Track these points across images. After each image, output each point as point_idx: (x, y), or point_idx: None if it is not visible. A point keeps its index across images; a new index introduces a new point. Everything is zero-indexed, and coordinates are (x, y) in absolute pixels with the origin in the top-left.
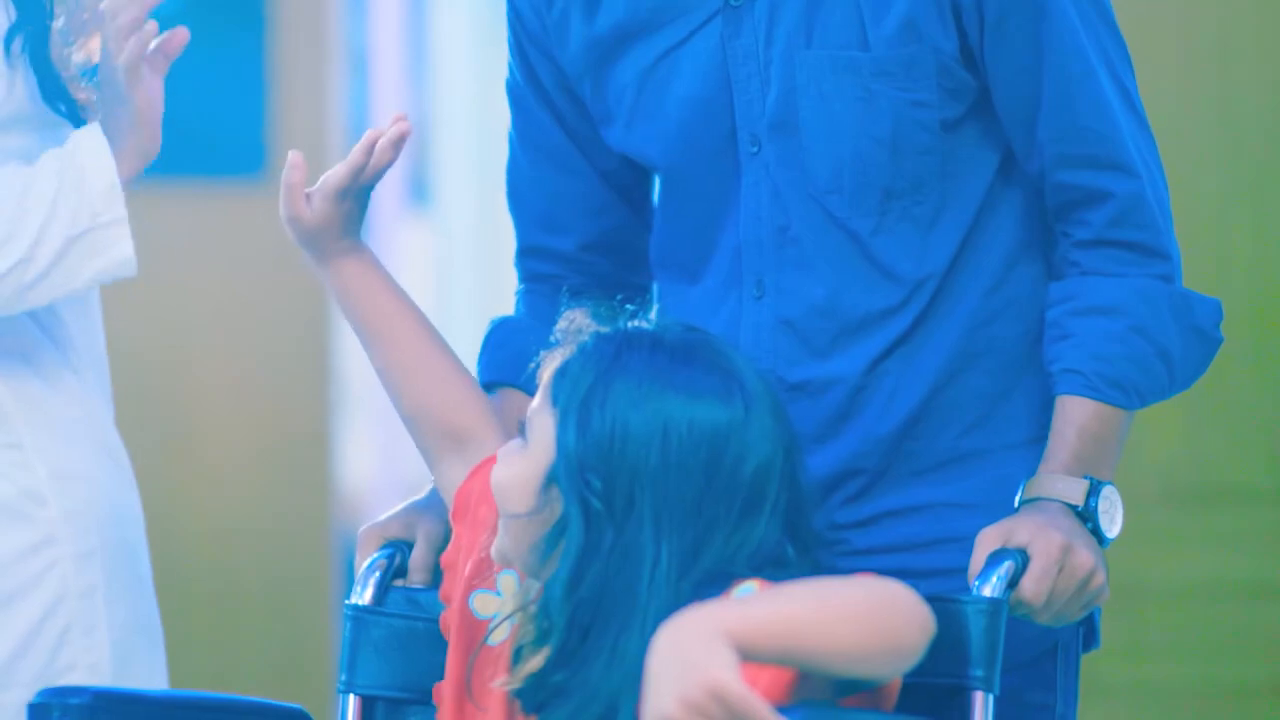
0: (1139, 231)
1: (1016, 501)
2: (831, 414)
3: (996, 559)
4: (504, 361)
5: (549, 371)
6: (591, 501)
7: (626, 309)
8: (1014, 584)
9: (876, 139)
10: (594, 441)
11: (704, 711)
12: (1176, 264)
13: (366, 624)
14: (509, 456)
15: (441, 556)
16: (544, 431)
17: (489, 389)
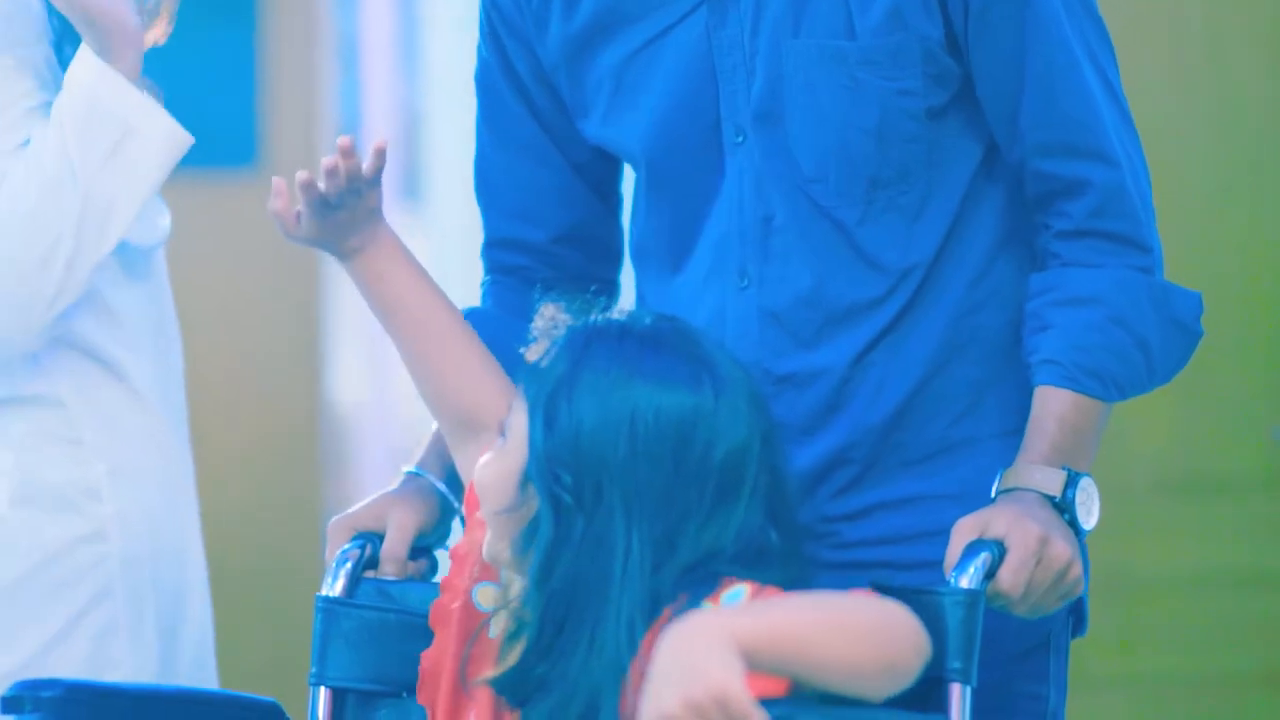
0: (1119, 222)
1: (993, 491)
2: (819, 405)
3: (973, 550)
4: None
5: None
6: (562, 496)
7: (599, 301)
8: (991, 575)
9: (863, 128)
10: (561, 437)
11: (705, 715)
12: (1157, 256)
13: (337, 616)
14: (490, 454)
15: (453, 547)
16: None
17: None
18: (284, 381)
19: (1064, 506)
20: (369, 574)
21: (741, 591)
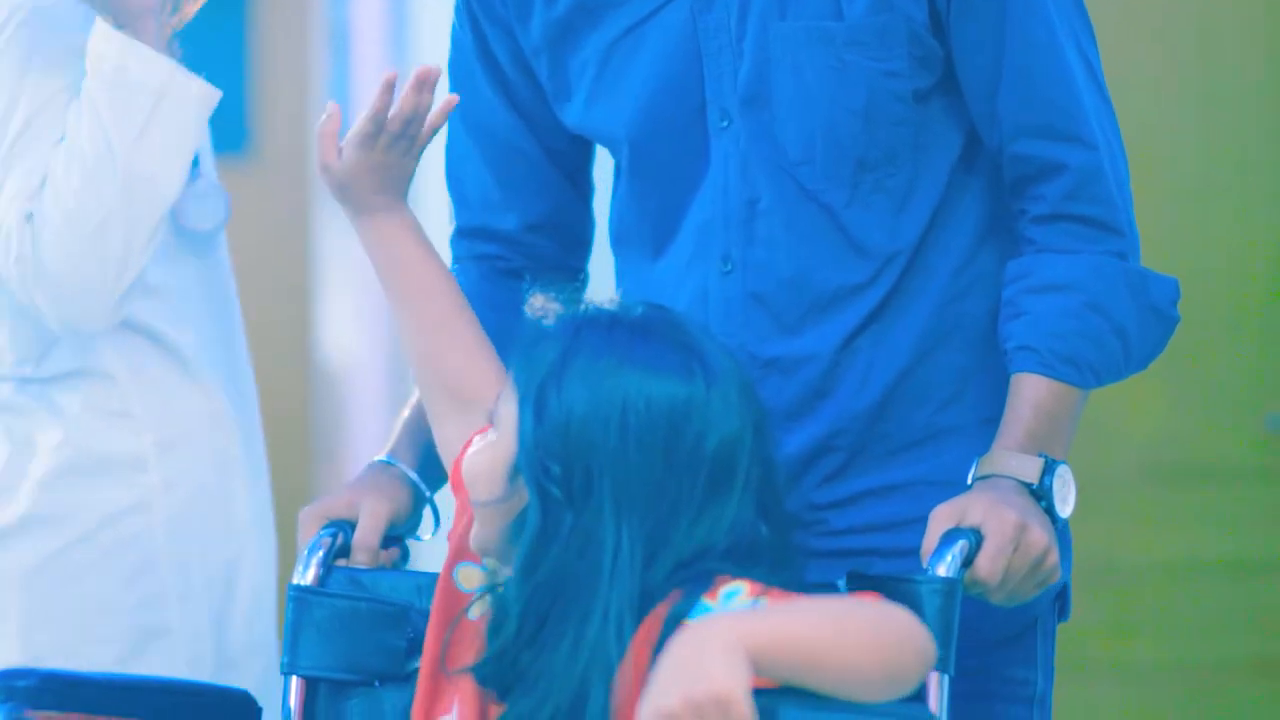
0: (1094, 206)
1: (970, 478)
2: (806, 391)
3: (950, 538)
4: None
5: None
6: (550, 488)
7: (582, 289)
8: (969, 563)
9: (850, 109)
10: (551, 427)
11: (704, 715)
12: (1133, 241)
13: (309, 604)
14: (480, 444)
15: (449, 532)
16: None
17: None
18: (274, 367)
19: (1041, 494)
20: (341, 562)
21: (739, 589)
